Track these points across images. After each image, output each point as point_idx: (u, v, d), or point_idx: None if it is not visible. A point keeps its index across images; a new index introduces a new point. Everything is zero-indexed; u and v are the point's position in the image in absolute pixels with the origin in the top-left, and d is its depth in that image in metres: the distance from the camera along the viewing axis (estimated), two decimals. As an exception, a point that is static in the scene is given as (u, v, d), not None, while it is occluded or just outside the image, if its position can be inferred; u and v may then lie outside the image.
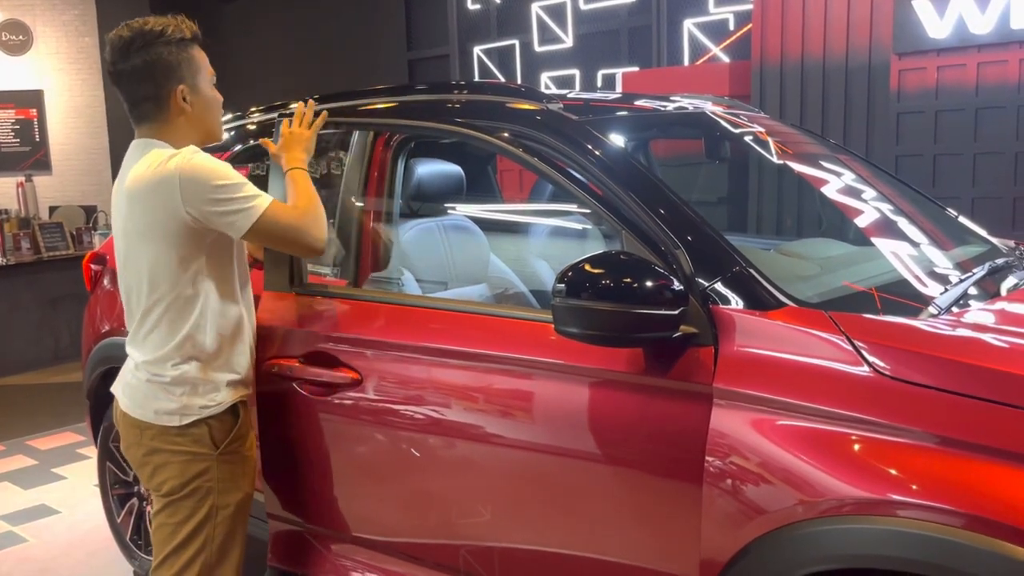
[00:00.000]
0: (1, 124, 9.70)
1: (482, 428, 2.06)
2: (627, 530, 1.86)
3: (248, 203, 2.01)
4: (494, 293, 2.85)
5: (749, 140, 2.77)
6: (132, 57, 2.07)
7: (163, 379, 2.10)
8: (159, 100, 2.10)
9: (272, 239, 2.12)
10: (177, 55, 2.08)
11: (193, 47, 2.13)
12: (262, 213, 2.02)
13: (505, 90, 2.45)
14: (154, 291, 2.08)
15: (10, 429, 5.38)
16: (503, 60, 7.70)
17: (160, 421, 2.11)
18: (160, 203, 2.01)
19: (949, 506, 1.44)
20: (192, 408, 2.11)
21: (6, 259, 6.84)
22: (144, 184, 2.02)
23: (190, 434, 2.11)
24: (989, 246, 2.57)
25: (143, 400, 2.13)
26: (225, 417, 2.16)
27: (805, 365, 1.66)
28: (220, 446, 2.14)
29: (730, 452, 1.68)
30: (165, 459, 2.11)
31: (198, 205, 1.99)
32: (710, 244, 1.89)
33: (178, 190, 1.98)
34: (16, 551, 3.68)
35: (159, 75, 2.08)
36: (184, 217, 2.00)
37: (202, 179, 1.98)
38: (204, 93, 2.14)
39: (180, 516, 2.12)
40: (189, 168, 1.99)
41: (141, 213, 2.05)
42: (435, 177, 2.89)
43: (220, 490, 2.13)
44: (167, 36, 2.07)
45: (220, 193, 1.99)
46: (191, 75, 2.11)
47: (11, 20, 9.62)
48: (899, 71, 4.72)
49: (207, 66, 2.16)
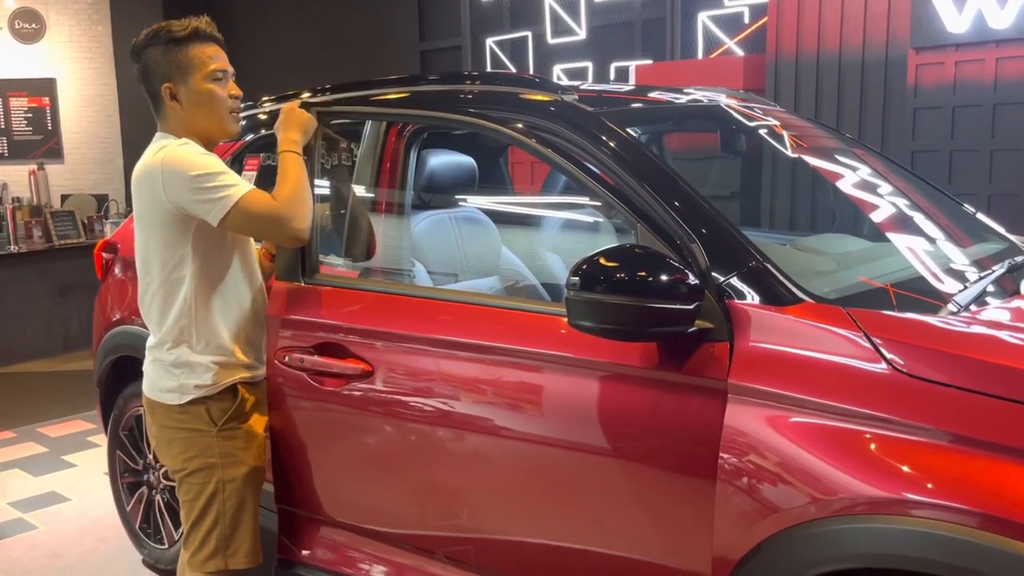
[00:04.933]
0: (14, 112, 9.73)
1: (492, 421, 2.05)
2: (639, 526, 1.85)
3: (223, 192, 2.07)
4: (505, 286, 2.84)
5: (764, 134, 2.75)
6: (137, 59, 2.22)
7: (163, 361, 2.23)
8: (155, 98, 2.22)
9: (250, 228, 2.18)
10: (166, 55, 2.17)
11: (188, 45, 2.17)
12: (235, 202, 2.07)
13: (519, 81, 2.44)
14: (147, 274, 2.22)
15: (21, 416, 5.40)
16: (516, 52, 7.67)
17: (163, 400, 2.24)
18: (147, 192, 2.13)
19: (964, 505, 1.42)
20: (188, 388, 2.21)
21: (18, 247, 6.86)
22: (138, 174, 2.17)
23: (190, 411, 2.22)
24: (1007, 243, 2.55)
25: (152, 380, 2.27)
26: (223, 396, 2.25)
27: (822, 361, 1.64)
28: (218, 424, 2.23)
29: (744, 449, 1.66)
30: (172, 436, 2.25)
31: (176, 194, 2.08)
32: (726, 238, 1.87)
33: (160, 180, 2.09)
34: (26, 538, 3.69)
35: (150, 75, 2.20)
36: (167, 206, 2.10)
37: (181, 170, 2.07)
38: (197, 90, 2.18)
39: (192, 493, 2.24)
40: (170, 159, 2.09)
41: (137, 201, 2.19)
42: (447, 168, 2.88)
43: (223, 464, 2.23)
44: (160, 37, 2.17)
45: (197, 183, 2.06)
46: (180, 73, 2.17)
47: (24, 8, 9.63)
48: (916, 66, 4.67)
49: (208, 63, 2.19)
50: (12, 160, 9.63)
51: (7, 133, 9.75)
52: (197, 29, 2.19)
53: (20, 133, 9.78)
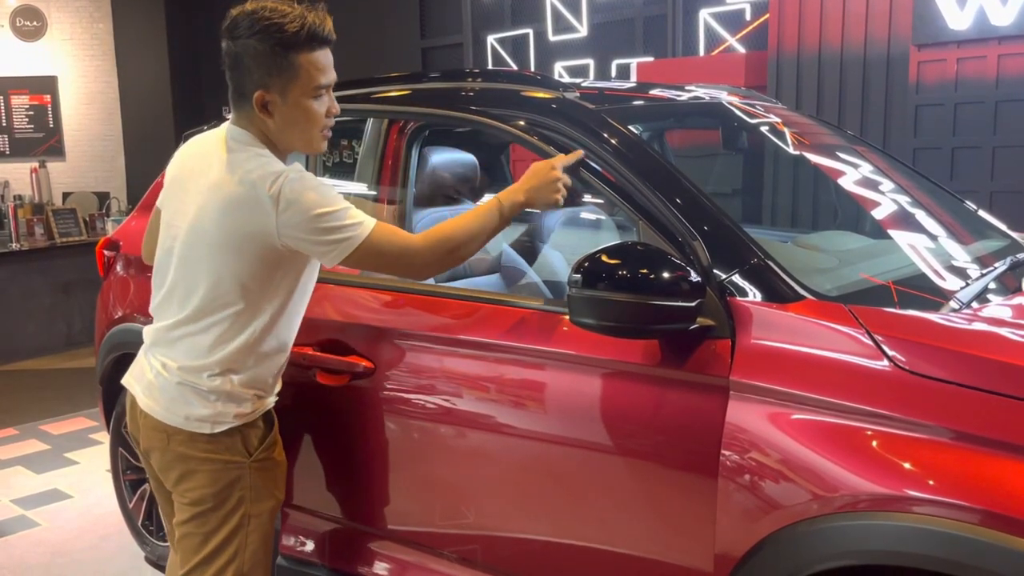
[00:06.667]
0: (15, 110, 9.73)
1: (494, 418, 2.05)
2: (642, 522, 1.85)
3: (349, 232, 1.86)
4: (507, 283, 2.84)
5: (765, 131, 2.75)
6: (233, 40, 1.88)
7: (199, 387, 1.97)
8: (242, 96, 1.91)
9: (371, 264, 1.98)
10: (270, 57, 1.84)
11: (298, 52, 1.85)
12: (361, 242, 1.87)
13: (521, 78, 2.44)
14: (213, 300, 1.94)
15: (23, 414, 5.41)
16: (517, 49, 7.66)
17: (190, 427, 1.97)
18: (251, 222, 1.86)
19: (966, 502, 1.42)
20: (227, 416, 1.98)
21: (20, 245, 6.87)
22: (237, 196, 1.87)
23: (222, 441, 1.98)
24: (1009, 240, 2.54)
25: (171, 403, 1.98)
26: (259, 423, 2.05)
27: (823, 359, 1.64)
28: (253, 453, 2.02)
29: (746, 446, 1.67)
30: (194, 467, 1.98)
31: (294, 234, 1.85)
32: (728, 235, 1.87)
33: (274, 216, 1.84)
34: (28, 535, 3.70)
35: (244, 71, 1.88)
36: (275, 243, 1.87)
37: (303, 208, 1.83)
38: (295, 104, 1.89)
39: (211, 526, 2.00)
40: (290, 195, 1.83)
41: (224, 222, 1.89)
42: (449, 166, 2.88)
43: (253, 499, 2.01)
44: (268, 33, 1.83)
45: (320, 222, 1.84)
46: (280, 83, 1.86)
47: (25, 6, 9.63)
48: (918, 63, 4.67)
49: (315, 77, 1.89)
50: (14, 158, 9.62)
51: (8, 131, 9.74)
52: (313, 32, 1.86)
53: (21, 131, 9.78)
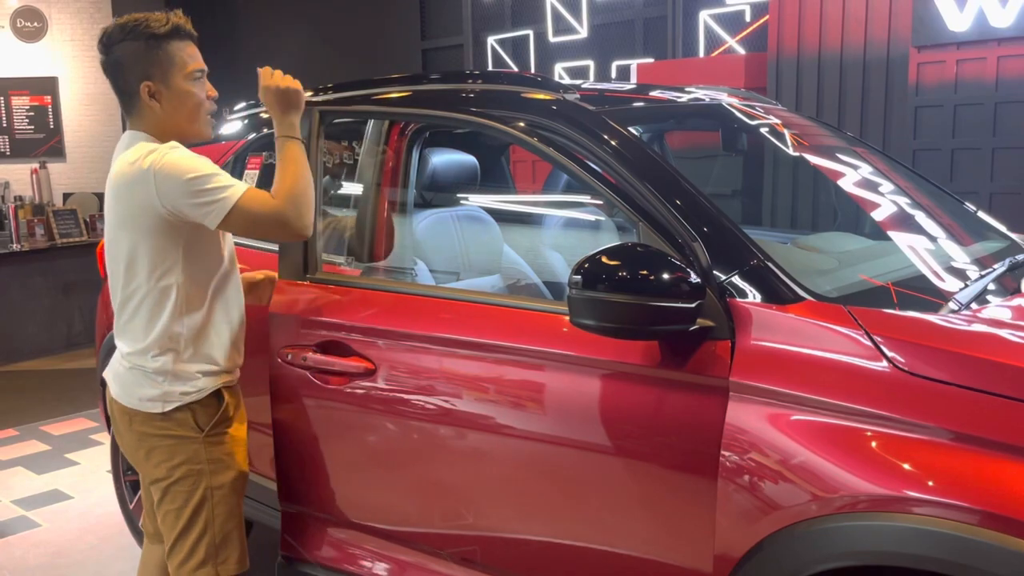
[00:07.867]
0: (16, 111, 9.74)
1: (494, 419, 2.06)
2: (642, 523, 1.85)
3: (221, 194, 2.01)
4: (507, 284, 2.84)
5: (765, 132, 2.75)
6: (109, 52, 2.11)
7: (145, 368, 2.13)
8: (129, 96, 2.11)
9: (250, 229, 2.10)
10: (145, 51, 2.07)
11: (168, 42, 2.08)
12: (235, 203, 2.01)
13: (521, 80, 2.44)
14: (131, 281, 2.11)
15: (23, 415, 5.41)
16: (517, 50, 7.67)
17: (144, 408, 2.14)
18: (137, 198, 2.03)
19: (965, 503, 1.43)
20: (173, 395, 2.13)
21: (20, 245, 6.87)
22: (123, 179, 2.06)
23: (174, 418, 2.14)
24: (1008, 242, 2.55)
25: (127, 387, 2.17)
26: (208, 402, 2.17)
27: (823, 360, 1.65)
28: (205, 429, 2.16)
29: (746, 446, 1.67)
30: (153, 444, 2.15)
31: (173, 199, 2.00)
32: (728, 237, 1.87)
33: (153, 186, 2.00)
34: (29, 536, 3.70)
35: (125, 71, 2.09)
36: (160, 211, 2.02)
37: (175, 174, 1.99)
38: (177, 89, 2.10)
39: (179, 502, 2.15)
40: (163, 164, 2.00)
41: (121, 205, 2.08)
42: (449, 167, 2.88)
43: (211, 471, 2.16)
44: (138, 32, 2.06)
45: (193, 186, 1.99)
46: (160, 71, 2.08)
47: (26, 7, 9.64)
48: (918, 64, 4.67)
49: (188, 61, 2.11)
50: (14, 159, 9.63)
51: (9, 132, 9.75)
52: (177, 26, 2.09)
53: (22, 132, 9.78)
